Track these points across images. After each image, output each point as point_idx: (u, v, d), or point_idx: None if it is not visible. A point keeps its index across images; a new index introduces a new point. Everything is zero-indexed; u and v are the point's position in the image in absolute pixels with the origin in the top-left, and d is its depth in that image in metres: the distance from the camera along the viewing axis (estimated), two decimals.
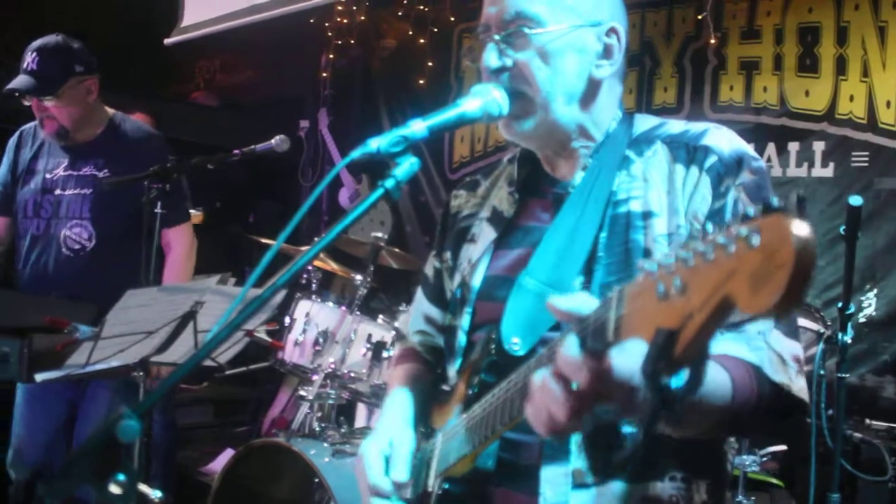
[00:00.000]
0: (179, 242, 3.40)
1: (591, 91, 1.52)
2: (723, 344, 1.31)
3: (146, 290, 2.38)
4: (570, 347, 1.00)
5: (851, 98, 4.29)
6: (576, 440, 1.37)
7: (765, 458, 3.31)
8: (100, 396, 3.13)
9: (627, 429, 1.01)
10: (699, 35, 4.79)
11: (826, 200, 4.35)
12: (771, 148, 4.56)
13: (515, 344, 1.41)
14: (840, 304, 2.71)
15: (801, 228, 0.73)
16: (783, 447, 3.35)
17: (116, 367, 2.48)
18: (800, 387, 1.35)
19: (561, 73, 1.47)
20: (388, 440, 1.59)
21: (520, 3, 1.47)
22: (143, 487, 1.04)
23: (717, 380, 1.23)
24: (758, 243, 0.75)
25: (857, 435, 3.34)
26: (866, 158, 4.26)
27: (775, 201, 0.77)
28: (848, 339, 2.66)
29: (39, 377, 2.37)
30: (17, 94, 3.17)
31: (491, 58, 1.48)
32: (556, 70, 1.47)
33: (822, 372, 2.88)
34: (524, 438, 1.42)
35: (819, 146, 4.42)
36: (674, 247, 0.86)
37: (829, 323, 3.10)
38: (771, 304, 0.73)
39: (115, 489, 1.04)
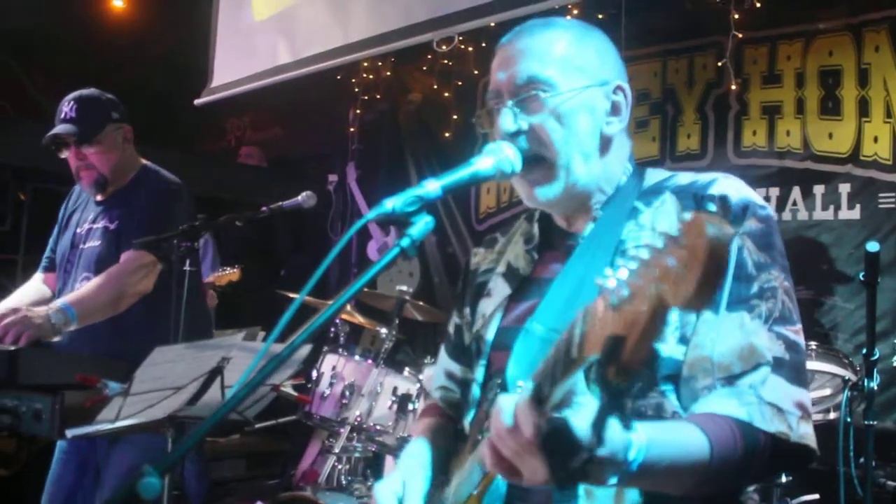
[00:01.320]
0: (122, 261, 3.14)
1: (603, 148, 1.56)
2: (712, 402, 1.33)
3: (174, 347, 2.42)
4: (522, 404, 1.09)
5: (876, 139, 4.29)
6: (583, 487, 1.38)
7: None
8: (125, 454, 3.12)
9: (582, 433, 1.06)
10: (721, 81, 4.83)
11: (853, 243, 4.32)
12: (796, 191, 4.56)
13: (520, 387, 1.43)
14: (865, 351, 2.69)
15: (715, 226, 0.81)
16: (815, 496, 3.29)
17: (145, 422, 2.51)
18: (801, 433, 1.35)
19: (575, 132, 1.52)
20: (402, 482, 1.61)
21: (531, 67, 1.52)
22: None
23: (692, 440, 1.26)
24: (684, 241, 0.82)
25: (892, 483, 3.27)
26: (893, 199, 4.24)
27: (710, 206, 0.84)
28: (874, 385, 2.64)
29: (70, 433, 2.41)
30: (54, 147, 3.22)
31: (507, 122, 1.52)
32: (571, 130, 1.51)
33: (848, 419, 2.84)
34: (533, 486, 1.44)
35: (845, 188, 4.41)
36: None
37: (858, 368, 3.07)
38: (689, 294, 0.80)
39: None
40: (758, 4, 4.44)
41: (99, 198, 3.37)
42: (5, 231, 6.34)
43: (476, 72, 5.92)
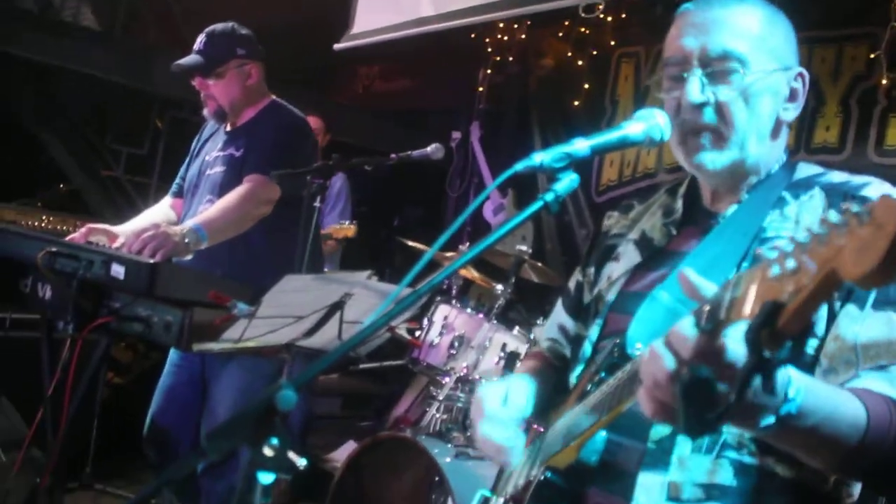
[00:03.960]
0: (245, 185, 3.23)
1: (774, 132, 1.56)
2: (865, 381, 1.30)
3: (302, 277, 2.52)
4: (683, 325, 1.06)
5: None
6: (678, 453, 1.39)
7: None
8: (235, 375, 3.25)
9: (722, 388, 1.06)
10: (870, 74, 4.60)
11: None
12: None
13: (638, 349, 1.44)
14: None
15: None
16: None
17: (265, 346, 2.63)
18: None
19: (758, 114, 1.51)
20: (506, 385, 1.66)
21: (727, 40, 1.50)
22: (291, 454, 1.13)
23: (848, 402, 1.23)
24: (868, 219, 0.80)
25: None
26: None
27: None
28: None
29: (196, 347, 2.54)
30: (181, 73, 3.38)
31: (694, 90, 1.50)
32: (755, 112, 1.51)
33: None
34: (628, 442, 1.46)
35: None
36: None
37: None
38: (869, 269, 0.78)
39: (268, 452, 1.13)
40: None
41: (228, 128, 3.51)
42: (142, 155, 6.64)
43: (612, 42, 5.82)
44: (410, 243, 4.45)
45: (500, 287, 3.88)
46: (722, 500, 1.36)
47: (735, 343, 1.01)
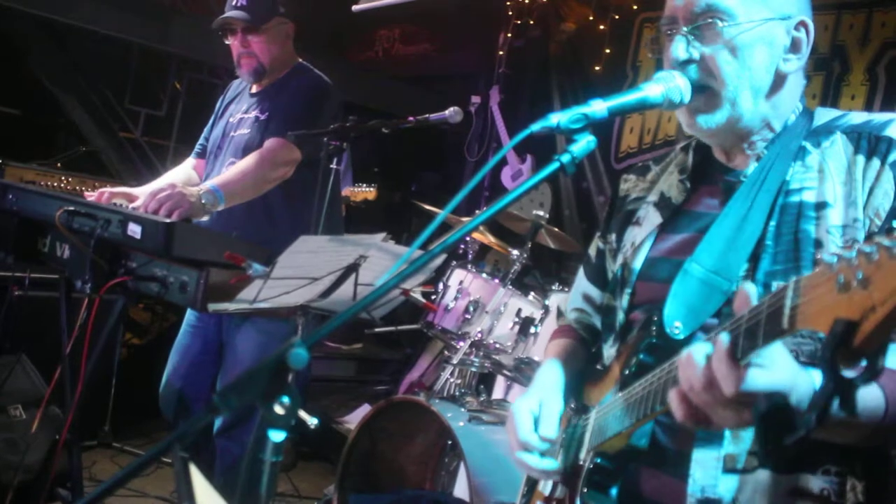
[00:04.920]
0: (266, 147, 3.22)
1: (776, 85, 1.51)
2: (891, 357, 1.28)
3: (317, 238, 2.51)
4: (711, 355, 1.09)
5: None
6: None
7: None
8: (250, 336, 3.26)
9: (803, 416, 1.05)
10: None
11: None
12: None
13: (676, 328, 1.43)
14: None
15: None
16: None
17: (280, 307, 2.63)
18: None
19: (749, 66, 1.47)
20: (539, 401, 1.64)
21: None
22: (301, 413, 1.13)
23: (867, 394, 1.22)
24: None
25: None
26: None
27: None
28: None
29: (212, 307, 2.54)
30: (220, 32, 3.34)
31: (679, 49, 1.48)
32: (744, 64, 1.46)
33: None
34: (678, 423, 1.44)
35: None
36: (852, 241, 0.87)
37: None
38: None
39: (279, 409, 1.13)
40: None
41: (253, 89, 3.48)
42: (160, 117, 6.64)
43: (634, 7, 5.76)
44: (427, 207, 4.44)
45: (516, 252, 3.88)
46: (773, 462, 1.37)
47: (763, 376, 1.06)
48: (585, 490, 1.51)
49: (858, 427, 1.23)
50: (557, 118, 1.35)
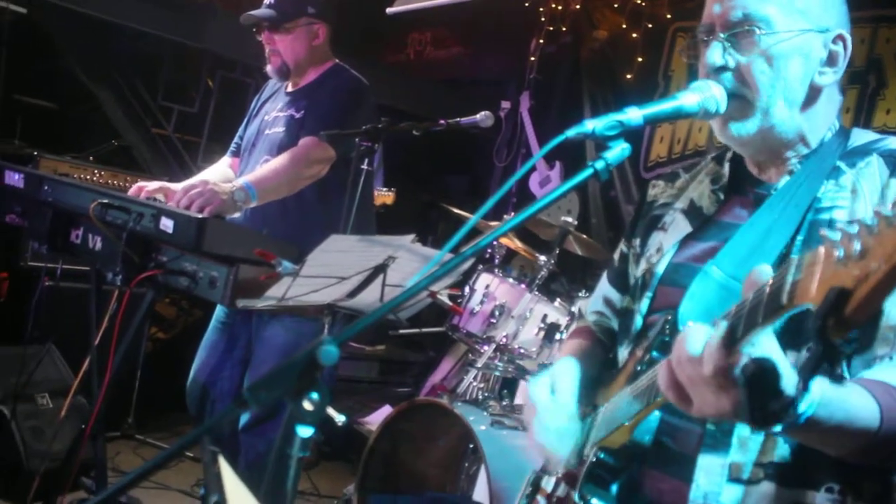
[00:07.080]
0: (301, 146, 3.24)
1: (811, 98, 1.50)
2: (886, 371, 1.28)
3: (347, 237, 2.52)
4: (713, 340, 1.09)
5: None
6: (738, 434, 1.38)
7: None
8: (278, 334, 3.28)
9: (789, 379, 1.05)
10: None
11: None
12: None
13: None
14: None
15: None
16: None
17: (307, 305, 2.64)
18: None
19: (783, 77, 1.46)
20: (552, 378, 1.66)
21: (749, 4, 1.47)
22: (330, 410, 1.15)
23: (863, 406, 1.22)
24: None
25: None
26: None
27: None
28: None
29: (241, 303, 2.56)
30: (254, 29, 3.38)
31: (715, 55, 1.48)
32: (779, 74, 1.46)
33: None
34: (686, 425, 1.44)
35: None
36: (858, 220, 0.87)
37: None
38: None
39: (307, 406, 1.14)
40: None
41: (289, 88, 3.51)
42: (193, 113, 6.70)
43: (668, 16, 5.72)
44: (455, 210, 4.45)
45: (543, 258, 3.87)
46: (779, 476, 1.36)
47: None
48: (585, 484, 1.50)
49: (852, 436, 1.22)
50: (593, 124, 1.35)
